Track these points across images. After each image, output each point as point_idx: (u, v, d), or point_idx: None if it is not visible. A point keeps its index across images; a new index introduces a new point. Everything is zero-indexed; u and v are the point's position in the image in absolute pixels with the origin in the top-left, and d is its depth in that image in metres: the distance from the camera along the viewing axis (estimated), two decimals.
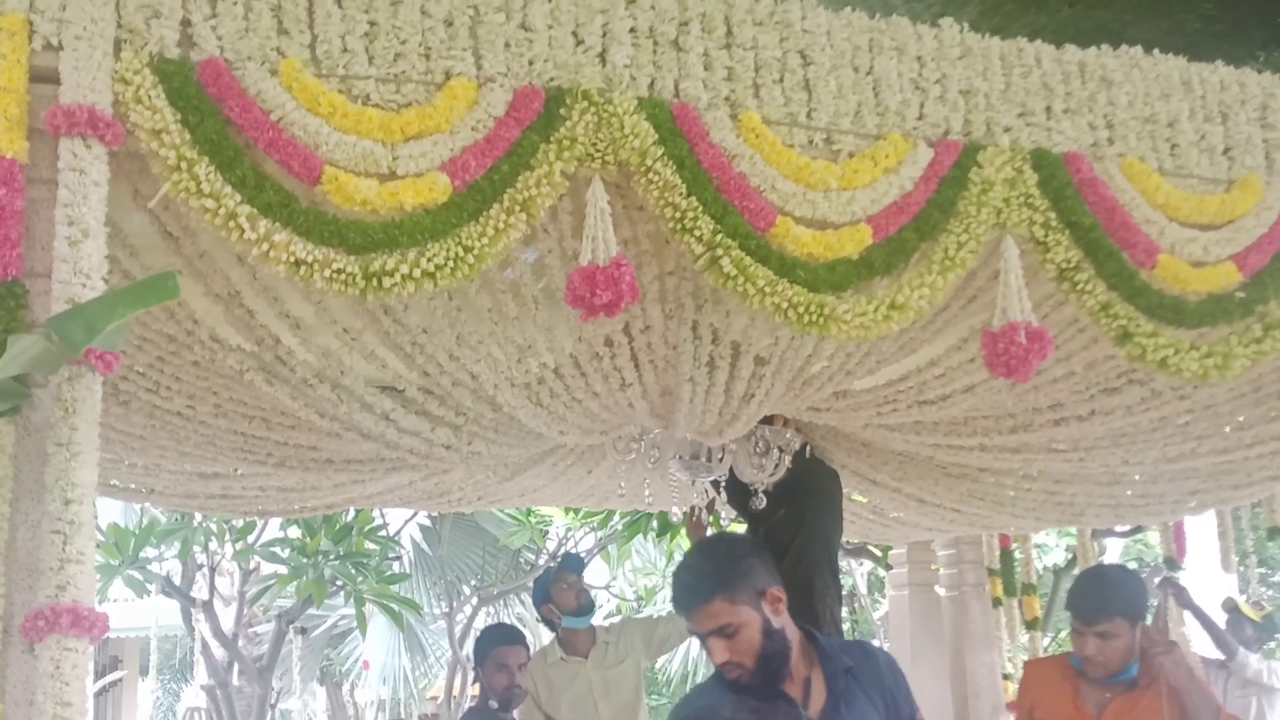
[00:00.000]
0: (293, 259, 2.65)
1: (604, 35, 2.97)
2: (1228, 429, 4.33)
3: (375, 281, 2.69)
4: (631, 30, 2.99)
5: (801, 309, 3.00)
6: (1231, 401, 4.07)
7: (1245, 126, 3.51)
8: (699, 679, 15.48)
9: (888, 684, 3.26)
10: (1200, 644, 8.08)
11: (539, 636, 12.96)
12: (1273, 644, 8.59)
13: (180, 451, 4.19)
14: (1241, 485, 4.99)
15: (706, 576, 3.19)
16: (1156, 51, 3.55)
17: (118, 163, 2.63)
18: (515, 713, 5.39)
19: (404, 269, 2.71)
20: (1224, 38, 5.62)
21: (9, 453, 2.43)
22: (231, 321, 3.19)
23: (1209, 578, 7.56)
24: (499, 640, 5.42)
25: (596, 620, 6.61)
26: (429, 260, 2.72)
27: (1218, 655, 7.83)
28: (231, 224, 2.61)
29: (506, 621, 11.92)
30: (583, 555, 11.02)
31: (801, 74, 3.14)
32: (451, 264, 2.74)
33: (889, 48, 3.23)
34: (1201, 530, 6.93)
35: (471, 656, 5.52)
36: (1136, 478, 4.82)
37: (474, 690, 5.21)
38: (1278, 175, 3.50)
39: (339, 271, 2.67)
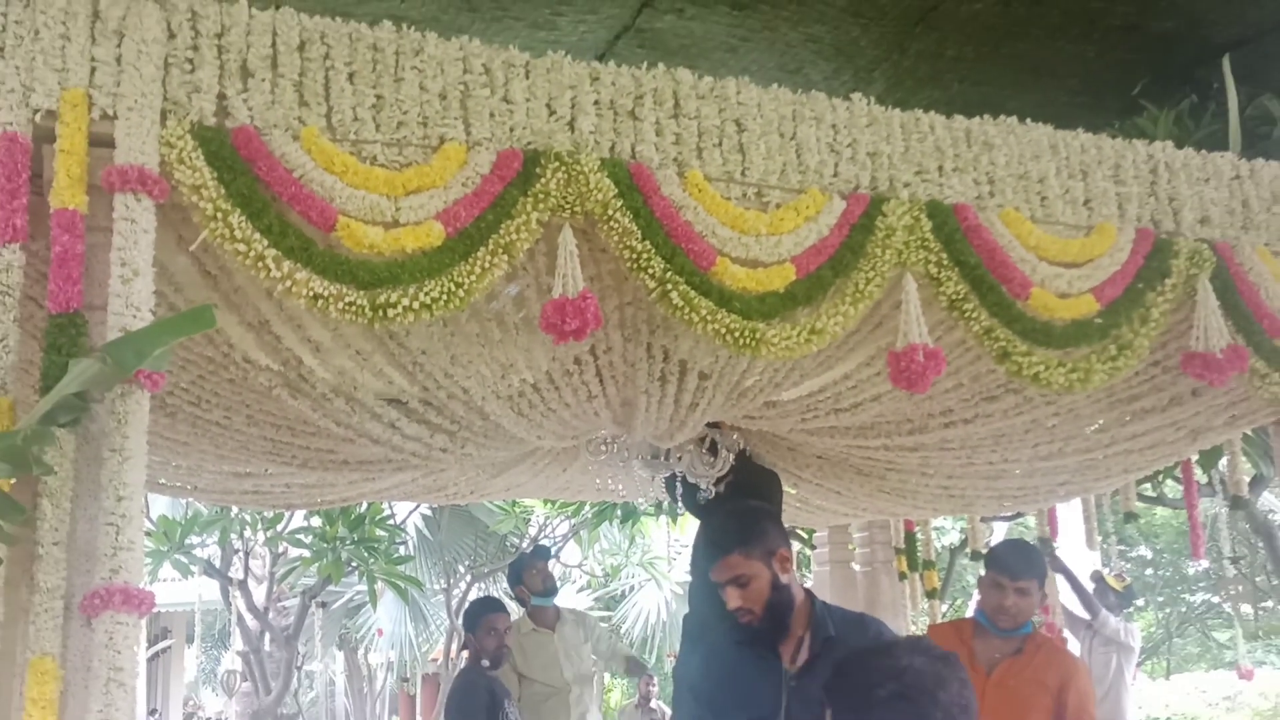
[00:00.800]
0: (311, 293, 2.64)
1: (573, 107, 2.98)
2: (1089, 431, 4.36)
3: (381, 312, 2.69)
4: (595, 103, 3.01)
5: (737, 334, 3.01)
6: (1091, 408, 4.10)
7: (1101, 182, 3.55)
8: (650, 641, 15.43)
9: None
10: (1070, 604, 8.15)
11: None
12: (1131, 609, 8.65)
13: (218, 455, 4.15)
14: (1101, 478, 5.02)
15: (728, 534, 3.25)
16: (1029, 120, 3.59)
17: (164, 213, 2.60)
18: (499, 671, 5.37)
19: (405, 301, 2.70)
20: (1086, 108, 5.68)
21: (70, 458, 2.41)
22: (261, 346, 3.16)
23: (1077, 554, 7.61)
24: (489, 609, 5.41)
25: (571, 595, 6.82)
26: (426, 294, 2.72)
27: (1085, 616, 7.87)
28: (260, 264, 2.60)
29: (493, 595, 11.95)
30: (556, 541, 11.06)
31: (737, 139, 3.16)
32: (445, 297, 2.74)
33: (809, 117, 3.25)
34: (1070, 514, 6.98)
35: (464, 624, 5.48)
36: (1016, 473, 4.84)
37: (438, 656, 5.26)
38: (1128, 222, 3.54)
39: (350, 304, 2.67)
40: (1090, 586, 7.92)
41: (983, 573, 4.33)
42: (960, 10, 4.97)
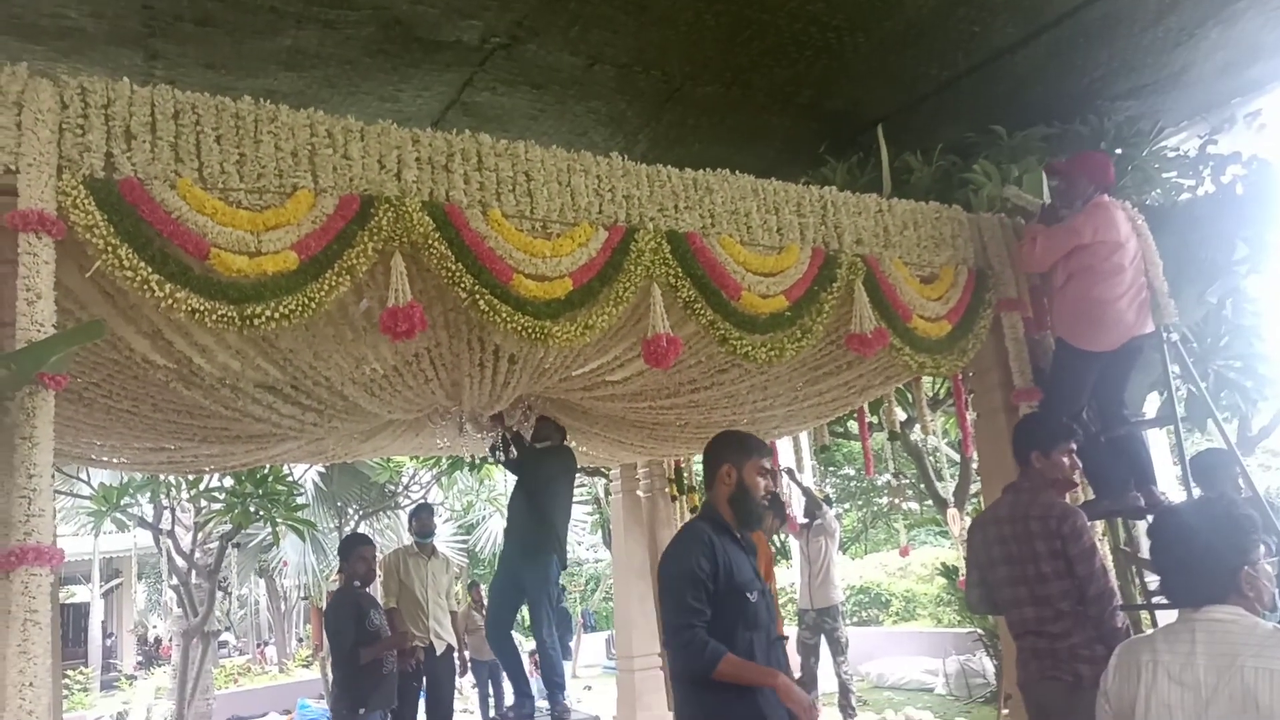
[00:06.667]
0: (190, 308, 2.50)
1: (399, 162, 2.90)
2: (791, 391, 4.52)
3: (248, 322, 2.57)
4: (417, 159, 2.94)
5: (530, 330, 3.01)
6: (791, 376, 4.25)
7: (789, 215, 3.66)
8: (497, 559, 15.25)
9: None
10: (796, 513, 8.45)
11: (402, 539, 12.62)
12: (835, 510, 9.05)
13: (133, 435, 3.89)
14: (802, 422, 5.24)
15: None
16: (740, 171, 3.67)
17: (66, 248, 2.41)
18: (369, 589, 5.23)
19: (268, 313, 2.59)
20: (786, 162, 5.86)
21: None
22: (156, 349, 2.97)
23: (799, 476, 7.89)
24: (358, 543, 5.26)
25: (437, 524, 7.00)
26: (285, 307, 2.62)
27: (804, 520, 8.15)
28: (145, 287, 2.45)
29: (370, 531, 11.76)
30: (422, 486, 10.84)
31: (526, 186, 3.14)
32: (300, 309, 2.64)
33: (579, 170, 3.25)
34: (787, 447, 7.23)
35: (339, 555, 5.33)
36: (744, 421, 4.98)
37: (329, 583, 5.13)
38: (807, 244, 3.66)
39: (223, 316, 2.54)
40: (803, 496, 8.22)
41: None
42: (696, 92, 5.04)
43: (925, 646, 10.70)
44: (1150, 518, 3.77)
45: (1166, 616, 3.43)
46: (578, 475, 6.89)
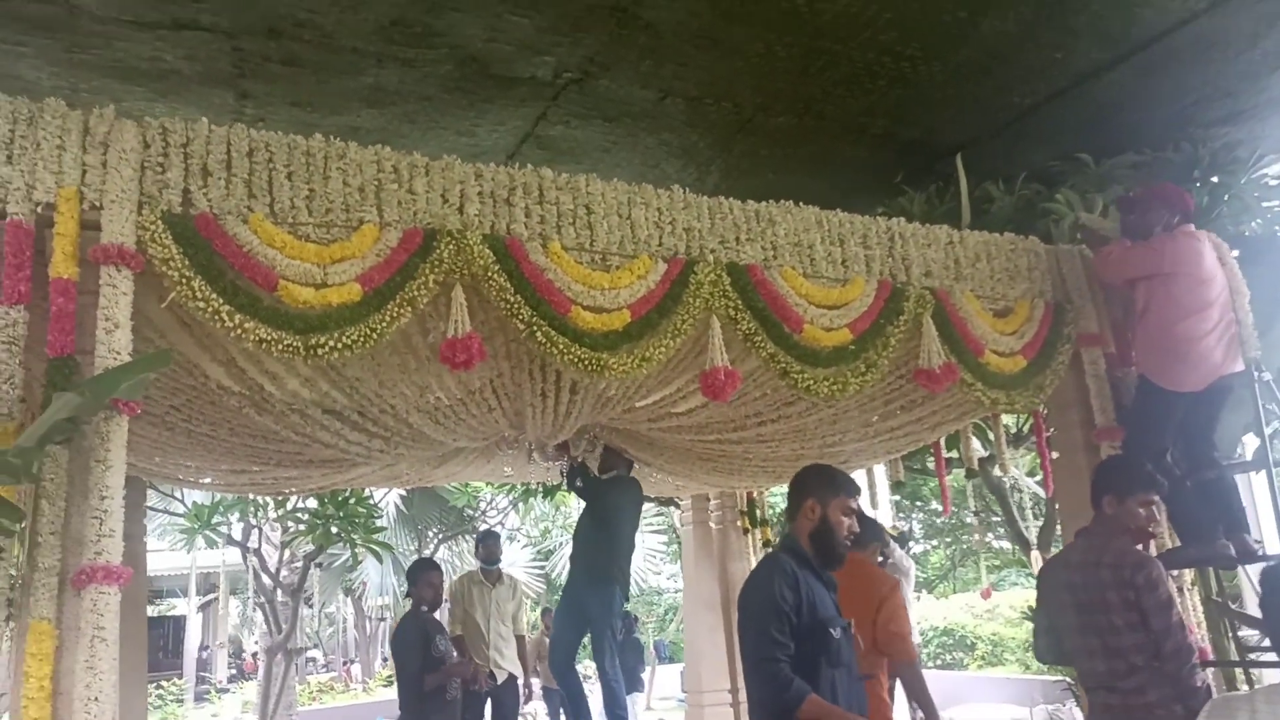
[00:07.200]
0: (258, 338, 2.59)
1: (461, 196, 2.97)
2: (861, 425, 4.42)
3: (313, 351, 2.65)
4: (479, 193, 3.00)
5: (588, 362, 3.02)
6: (859, 410, 4.15)
7: (854, 247, 3.60)
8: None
9: None
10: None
11: (467, 564, 12.79)
12: (907, 547, 8.76)
13: (214, 457, 4.03)
14: (872, 457, 5.12)
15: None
16: (813, 202, 3.62)
17: (146, 280, 2.53)
18: (436, 614, 5.29)
19: (331, 343, 2.66)
20: (863, 191, 5.77)
21: (64, 467, 2.32)
22: (230, 376, 3.08)
23: (872, 512, 7.66)
24: (427, 569, 5.33)
25: (516, 550, 6.98)
26: (348, 337, 2.69)
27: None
28: (217, 317, 2.55)
29: (448, 554, 11.93)
30: (499, 512, 10.94)
31: (586, 219, 3.16)
32: (362, 339, 2.71)
33: (640, 203, 3.27)
34: (859, 482, 7.02)
35: (407, 580, 5.42)
36: (810, 456, 4.88)
37: (406, 603, 5.18)
38: (873, 276, 3.60)
39: (288, 345, 2.62)
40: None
41: None
42: (768, 123, 5.02)
43: (1012, 693, 10.24)
44: (1245, 567, 3.55)
45: (1264, 674, 3.20)
46: (654, 504, 6.84)
